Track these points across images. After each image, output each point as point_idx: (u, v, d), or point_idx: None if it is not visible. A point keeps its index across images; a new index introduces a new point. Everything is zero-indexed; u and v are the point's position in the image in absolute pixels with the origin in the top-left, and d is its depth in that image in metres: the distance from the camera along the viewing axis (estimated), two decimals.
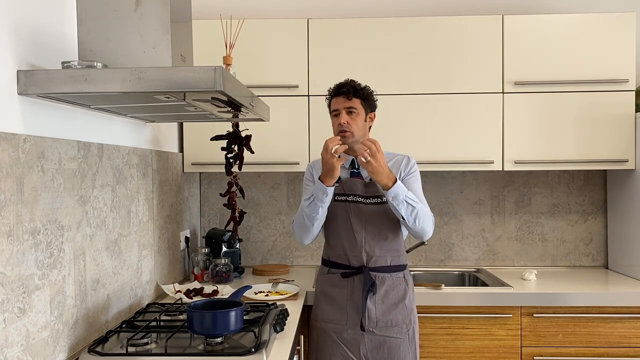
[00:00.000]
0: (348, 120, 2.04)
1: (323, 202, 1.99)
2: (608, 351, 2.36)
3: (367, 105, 2.10)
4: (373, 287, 2.03)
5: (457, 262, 2.98)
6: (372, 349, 2.04)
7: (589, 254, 2.95)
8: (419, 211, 1.97)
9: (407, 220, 1.97)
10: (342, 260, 2.09)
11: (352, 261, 2.07)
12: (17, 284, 1.31)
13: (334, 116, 2.09)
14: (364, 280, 2.03)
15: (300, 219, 2.07)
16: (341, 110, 2.06)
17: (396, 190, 1.93)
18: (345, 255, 2.08)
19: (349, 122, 2.04)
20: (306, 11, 2.91)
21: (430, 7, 2.91)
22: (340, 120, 2.04)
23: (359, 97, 2.06)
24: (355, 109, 2.06)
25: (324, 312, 2.11)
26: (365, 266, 2.05)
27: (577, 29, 2.58)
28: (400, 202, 1.94)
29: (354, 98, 2.05)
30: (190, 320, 1.59)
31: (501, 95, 2.60)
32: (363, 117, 2.08)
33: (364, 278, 2.03)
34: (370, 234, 2.06)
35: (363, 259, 2.06)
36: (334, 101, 2.09)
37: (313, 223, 2.03)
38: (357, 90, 2.06)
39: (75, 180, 1.59)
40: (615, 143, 2.58)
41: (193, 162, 2.68)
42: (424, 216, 2.00)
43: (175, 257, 2.54)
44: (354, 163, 2.12)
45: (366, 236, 2.06)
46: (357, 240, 2.06)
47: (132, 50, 1.52)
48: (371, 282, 2.03)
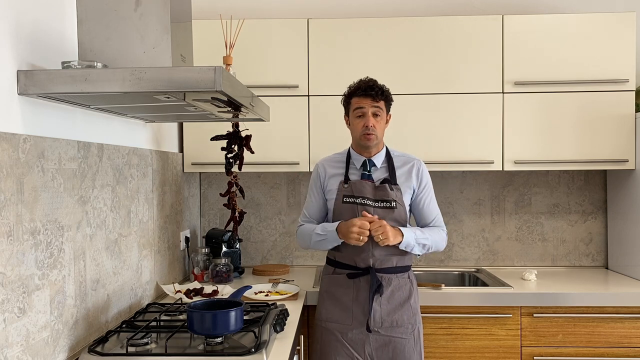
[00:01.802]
0: (374, 124, 2.04)
1: (332, 245, 2.08)
2: (608, 351, 2.36)
3: (388, 107, 2.11)
4: (380, 288, 2.03)
5: (457, 262, 2.98)
6: (377, 349, 2.04)
7: (589, 254, 2.95)
8: (431, 245, 2.09)
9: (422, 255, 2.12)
10: (349, 261, 2.09)
11: (358, 262, 2.07)
12: (17, 284, 1.31)
13: (357, 116, 2.07)
14: (371, 281, 2.03)
15: (307, 240, 2.15)
16: (368, 111, 2.04)
17: (407, 241, 2.02)
18: (352, 257, 2.08)
19: (375, 125, 2.04)
20: (306, 11, 2.91)
21: (431, 7, 2.91)
22: (368, 123, 2.03)
23: (384, 100, 2.06)
24: (381, 111, 2.06)
25: (328, 312, 2.10)
26: (372, 267, 2.05)
27: (577, 29, 2.58)
28: (412, 247, 2.04)
29: (381, 100, 2.05)
30: (190, 320, 1.59)
31: (501, 95, 2.60)
32: (385, 120, 2.10)
33: (371, 280, 2.03)
34: None
35: (370, 261, 2.05)
36: (359, 100, 2.06)
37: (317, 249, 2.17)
38: (383, 92, 2.06)
39: (75, 180, 1.59)
40: (615, 143, 2.58)
41: (193, 162, 2.68)
42: (436, 244, 2.11)
43: (175, 257, 2.54)
44: (366, 165, 2.11)
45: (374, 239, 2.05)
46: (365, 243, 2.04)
47: (132, 50, 1.52)
48: (378, 284, 2.03)
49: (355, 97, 2.07)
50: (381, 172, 2.12)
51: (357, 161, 2.13)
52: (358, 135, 2.07)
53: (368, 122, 2.03)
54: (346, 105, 2.13)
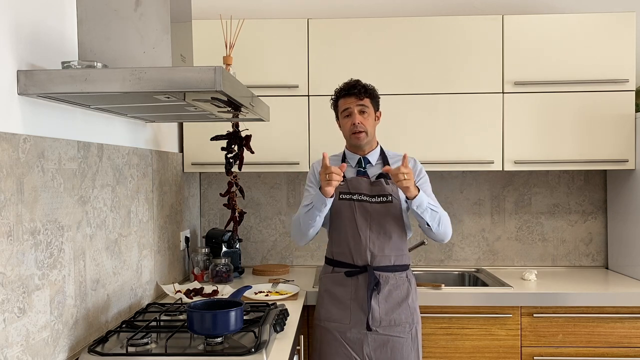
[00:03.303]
0: (362, 121, 2.05)
1: (321, 212, 1.99)
2: (608, 351, 2.36)
3: (375, 104, 2.12)
4: (377, 286, 2.03)
5: (457, 262, 2.98)
6: (375, 349, 2.04)
7: (589, 254, 2.95)
8: (441, 216, 2.02)
9: (431, 226, 2.01)
10: (346, 259, 2.09)
11: (356, 260, 2.07)
12: (17, 284, 1.31)
13: (345, 116, 2.09)
14: (369, 279, 2.03)
15: (297, 222, 2.08)
16: (354, 109, 2.06)
17: (420, 198, 1.95)
18: (350, 254, 2.08)
19: (362, 122, 2.05)
20: (306, 11, 2.91)
21: (430, 7, 2.91)
22: (355, 120, 2.05)
23: (368, 97, 2.07)
24: (367, 108, 2.07)
25: (327, 312, 2.10)
26: (370, 265, 2.05)
27: (577, 29, 2.58)
28: (424, 209, 1.97)
29: (365, 97, 2.06)
30: (190, 320, 1.59)
31: (501, 95, 2.60)
32: (373, 117, 2.10)
33: (369, 277, 2.03)
34: (375, 233, 2.06)
35: (367, 258, 2.06)
36: (344, 101, 2.09)
37: (309, 229, 2.04)
38: (367, 89, 2.08)
39: (75, 180, 1.59)
40: (615, 143, 2.58)
41: (193, 162, 2.68)
42: (446, 219, 2.05)
43: (175, 257, 2.54)
44: (361, 162, 2.13)
45: (371, 235, 2.06)
46: (361, 239, 2.06)
47: (132, 50, 1.52)
48: (375, 282, 2.03)
49: (341, 99, 2.11)
50: (376, 168, 2.13)
51: (352, 160, 2.14)
52: (348, 134, 2.10)
53: (355, 119, 2.05)
54: (335, 109, 2.17)
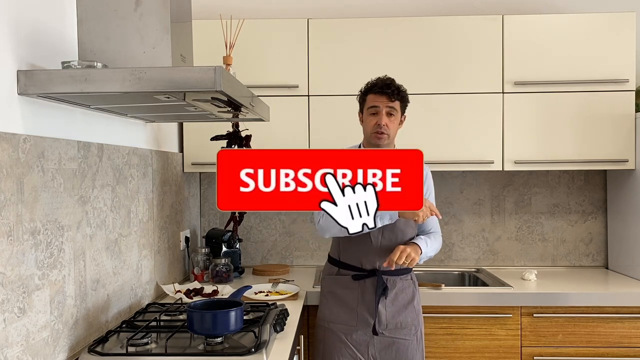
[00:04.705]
0: (387, 123, 2.01)
1: None
2: (608, 351, 2.36)
3: (403, 108, 2.08)
4: (385, 290, 2.03)
5: (457, 262, 2.98)
6: (380, 350, 2.03)
7: (589, 254, 2.95)
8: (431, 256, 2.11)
9: None
10: (355, 262, 2.08)
11: (364, 264, 2.06)
12: (17, 284, 1.31)
13: (371, 114, 2.04)
14: (377, 284, 2.02)
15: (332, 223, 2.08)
16: (382, 109, 2.01)
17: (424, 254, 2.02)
18: (358, 258, 2.07)
19: (388, 124, 2.01)
20: (306, 11, 2.91)
21: (430, 7, 2.91)
22: (381, 121, 2.00)
23: (400, 100, 2.04)
24: (395, 112, 2.03)
25: (332, 313, 2.09)
26: (378, 270, 2.04)
27: (577, 29, 2.58)
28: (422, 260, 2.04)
29: (396, 100, 2.02)
30: (190, 320, 1.59)
31: (501, 95, 2.60)
32: (399, 120, 2.06)
33: (377, 282, 2.02)
34: (386, 239, 2.04)
35: (376, 263, 2.05)
36: (374, 98, 2.03)
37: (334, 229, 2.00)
38: (400, 92, 2.03)
39: (75, 180, 1.59)
40: (615, 143, 2.58)
41: (193, 162, 2.67)
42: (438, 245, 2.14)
43: (175, 257, 2.54)
44: None
45: (382, 240, 2.04)
46: (372, 244, 2.04)
47: (132, 50, 1.52)
48: (383, 286, 2.02)
49: (371, 94, 2.05)
50: None
51: None
52: (369, 133, 2.05)
53: (381, 120, 2.00)
54: (361, 102, 2.11)
